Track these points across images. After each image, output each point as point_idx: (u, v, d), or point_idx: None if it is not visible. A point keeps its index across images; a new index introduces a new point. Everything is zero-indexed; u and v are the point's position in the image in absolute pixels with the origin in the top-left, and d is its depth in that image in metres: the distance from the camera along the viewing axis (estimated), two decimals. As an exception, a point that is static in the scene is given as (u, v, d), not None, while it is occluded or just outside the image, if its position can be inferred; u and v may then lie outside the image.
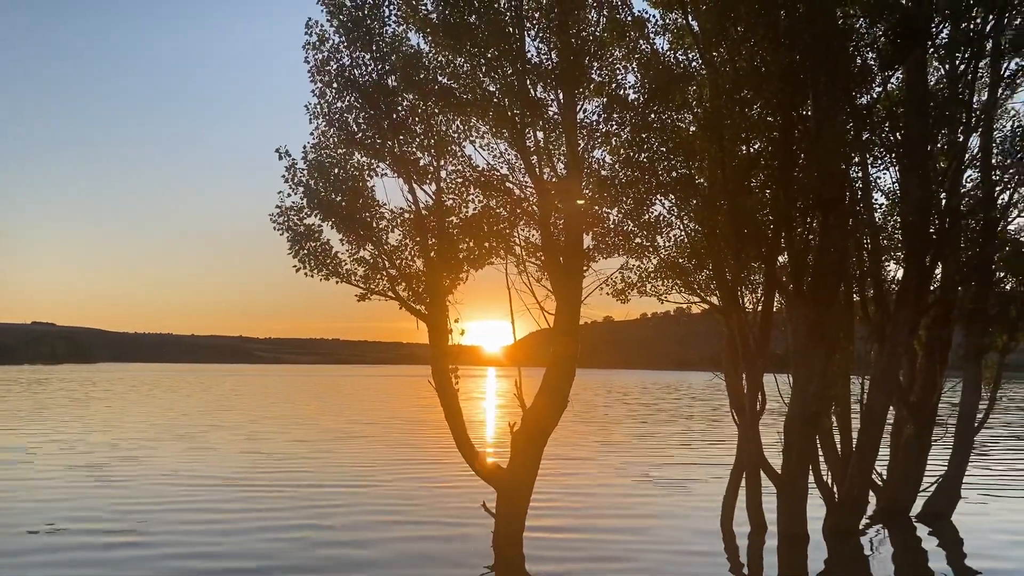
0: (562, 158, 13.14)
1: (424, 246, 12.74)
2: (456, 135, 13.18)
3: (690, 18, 13.92)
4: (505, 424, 13.21)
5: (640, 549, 13.90)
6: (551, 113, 12.85)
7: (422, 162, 12.87)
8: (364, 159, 12.83)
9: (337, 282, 12.65)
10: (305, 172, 12.42)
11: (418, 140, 12.87)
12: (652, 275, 15.26)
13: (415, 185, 12.82)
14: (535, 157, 12.90)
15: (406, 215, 12.89)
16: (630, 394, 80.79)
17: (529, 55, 12.68)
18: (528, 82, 12.64)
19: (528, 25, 12.57)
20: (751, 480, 14.67)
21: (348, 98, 12.57)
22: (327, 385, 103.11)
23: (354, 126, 12.64)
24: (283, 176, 12.38)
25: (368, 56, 12.48)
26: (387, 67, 12.57)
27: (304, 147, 12.50)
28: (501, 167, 13.33)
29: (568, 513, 16.93)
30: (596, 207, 13.56)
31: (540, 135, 12.96)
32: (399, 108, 12.75)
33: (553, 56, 12.62)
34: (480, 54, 12.53)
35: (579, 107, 12.99)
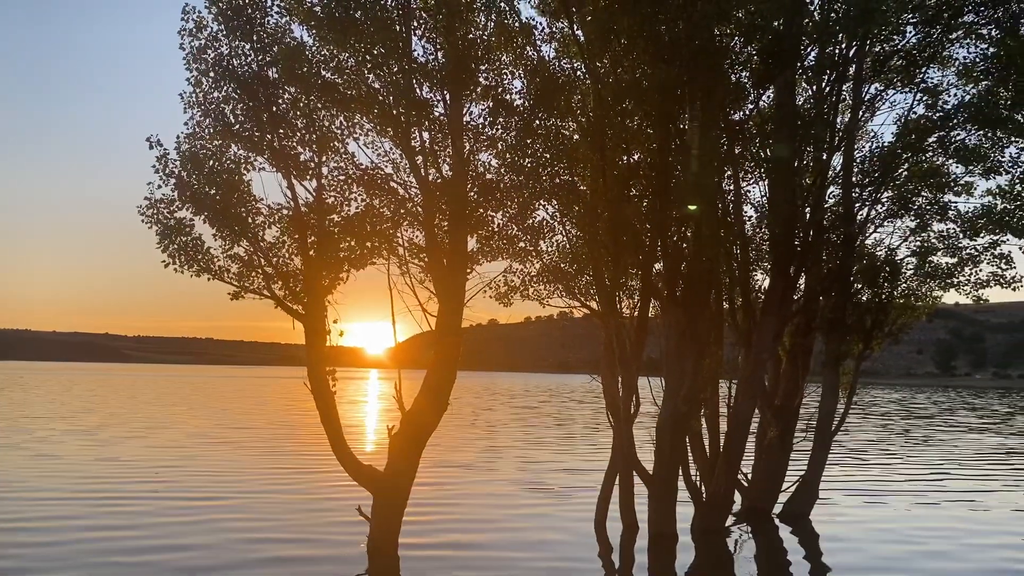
0: (448, 160, 13.10)
1: (303, 244, 12.40)
2: (339, 131, 12.89)
3: (575, 28, 14.16)
4: (384, 427, 13.03)
5: (514, 553, 14.02)
6: (437, 114, 12.78)
7: (303, 157, 12.52)
8: (241, 152, 12.37)
9: (209, 279, 12.15)
10: (178, 163, 11.87)
11: (299, 135, 12.51)
12: (535, 279, 15.45)
13: (295, 181, 12.47)
14: (420, 157, 12.79)
15: (284, 211, 12.53)
16: (516, 397, 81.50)
17: (416, 54, 12.59)
18: (414, 81, 12.53)
19: (415, 24, 12.46)
20: (624, 481, 15.04)
21: (226, 88, 12.09)
22: (198, 386, 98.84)
23: (231, 117, 12.17)
24: (154, 167, 11.80)
25: (248, 46, 12.05)
26: (268, 59, 12.17)
27: (177, 137, 11.95)
28: (385, 166, 13.17)
29: (445, 518, 16.87)
30: (481, 210, 13.57)
31: (426, 135, 12.87)
32: (280, 101, 12.36)
33: (440, 57, 12.57)
34: (366, 50, 12.32)
35: (466, 109, 13.00)
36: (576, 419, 49.50)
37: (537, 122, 13.43)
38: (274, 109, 12.22)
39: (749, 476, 17.77)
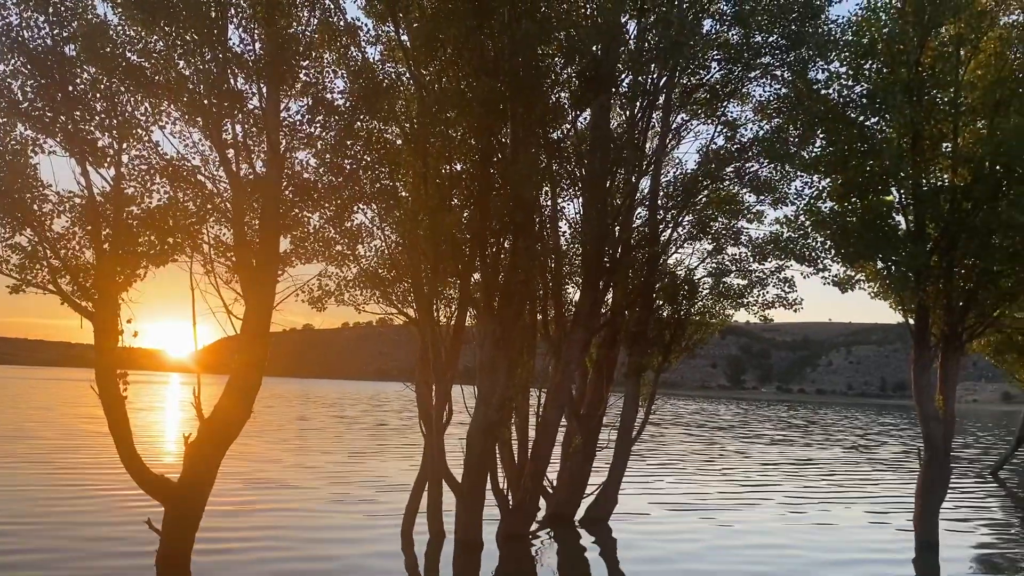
0: (262, 155, 12.57)
1: (96, 236, 11.43)
2: (144, 118, 12.03)
3: (402, 33, 14.09)
4: (181, 435, 12.25)
5: (317, 565, 13.65)
6: (252, 107, 12.25)
7: (101, 143, 11.56)
8: (29, 132, 11.26)
9: (-17, 269, 10.95)
10: (-48, 141, 10.62)
11: (98, 119, 11.55)
12: (351, 284, 15.15)
13: (90, 167, 11.49)
14: (232, 151, 12.19)
15: (77, 200, 11.51)
16: (331, 405, 79.49)
17: (232, 43, 12.01)
18: (229, 72, 11.95)
19: (232, 12, 11.90)
20: (433, 489, 15.03)
21: (14, 62, 10.98)
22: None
23: (19, 94, 11.06)
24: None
25: (43, 19, 11.02)
26: (66, 34, 11.18)
27: (-46, 113, 10.69)
28: (193, 158, 12.42)
29: (247, 531, 16.11)
30: (296, 210, 13.13)
31: (239, 128, 12.29)
32: (77, 81, 11.38)
33: (257, 48, 12.07)
34: (177, 35, 11.62)
35: (283, 105, 12.54)
36: (391, 427, 49.04)
37: (359, 124, 13.20)
38: (70, 89, 11.23)
39: (554, 483, 18.31)
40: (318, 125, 12.72)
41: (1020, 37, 16.30)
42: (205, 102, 11.79)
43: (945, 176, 16.66)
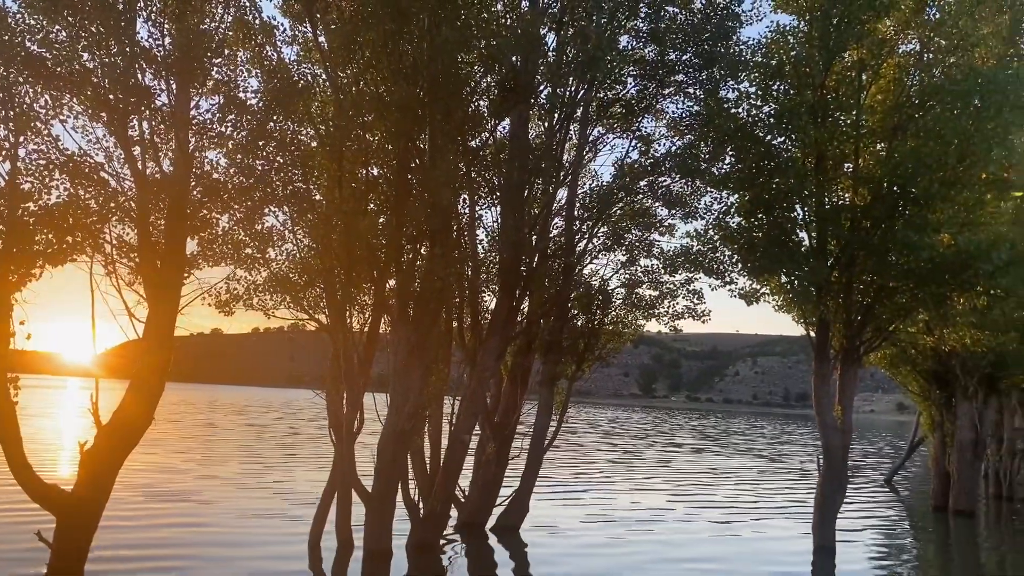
0: (169, 154, 12.16)
1: (-13, 233, 10.84)
2: (43, 111, 11.48)
3: (319, 34, 13.89)
4: (76, 442, 11.68)
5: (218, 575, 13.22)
6: (160, 104, 11.83)
7: (-5, 135, 10.99)
8: (-89, 121, 10.62)
9: None
10: None
11: (-7, 110, 10.99)
12: (260, 288, 14.77)
13: (-18, 161, 10.90)
14: (138, 148, 11.76)
15: (-35, 194, 10.89)
16: (240, 412, 77.31)
17: (140, 38, 11.60)
18: (136, 67, 11.53)
19: (142, 5, 11.49)
20: (343, 498, 14.78)
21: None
22: None
23: (-98, 80, 10.43)
24: None
25: (-70, 1, 10.42)
26: (-42, 19, 10.59)
27: None
28: (96, 154, 11.91)
29: (144, 545, 15.47)
30: (204, 211, 12.74)
31: (146, 125, 11.86)
32: (-31, 69, 10.79)
33: (167, 44, 11.69)
34: (81, 26, 11.15)
35: (193, 103, 12.17)
36: (302, 435, 48.04)
37: (272, 124, 12.92)
38: (-40, 77, 10.63)
39: (467, 491, 18.26)
40: (229, 124, 12.37)
41: (917, 65, 17.20)
42: (110, 97, 11.34)
43: (846, 195, 17.42)
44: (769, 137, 17.15)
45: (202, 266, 12.80)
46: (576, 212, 18.44)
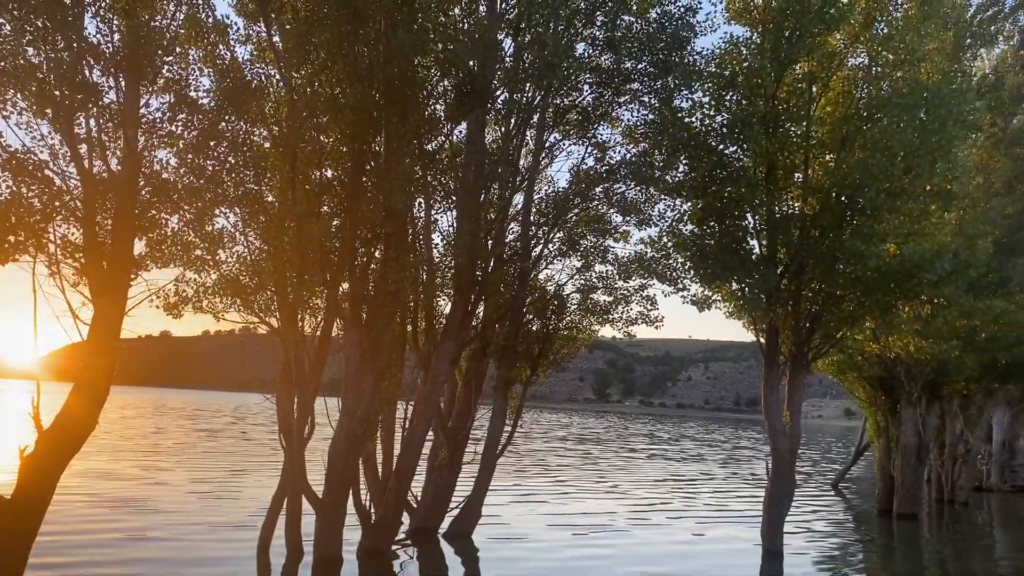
0: (118, 152, 11.90)
1: (-77, 231, 10.49)
2: (-16, 107, 11.17)
3: (273, 34, 13.73)
4: (16, 448, 11.34)
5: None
6: (108, 101, 11.57)
7: (-67, 130, 10.65)
8: None
9: None
10: None
11: (-70, 104, 10.65)
12: (210, 291, 14.51)
13: (-81, 156, 10.55)
14: (85, 146, 11.48)
15: (-98, 191, 10.53)
16: (193, 417, 75.86)
17: (88, 33, 11.34)
18: (84, 63, 11.26)
19: (90, 0, 11.23)
20: (292, 505, 14.57)
21: None
22: None
23: None
24: None
25: None
26: None
27: None
28: (41, 151, 11.60)
29: (85, 552, 15.07)
30: (153, 211, 12.48)
31: (93, 123, 11.59)
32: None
33: (116, 40, 11.44)
34: (26, 20, 10.86)
35: (143, 101, 11.93)
36: (254, 440, 47.33)
37: (224, 124, 12.73)
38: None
39: (419, 497, 18.15)
40: (180, 123, 12.16)
41: (865, 78, 17.62)
42: (56, 93, 11.06)
43: (796, 205, 17.76)
44: (722, 146, 17.41)
45: (150, 267, 12.55)
46: (532, 217, 18.48)
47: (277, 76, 14.13)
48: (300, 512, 14.61)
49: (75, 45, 11.08)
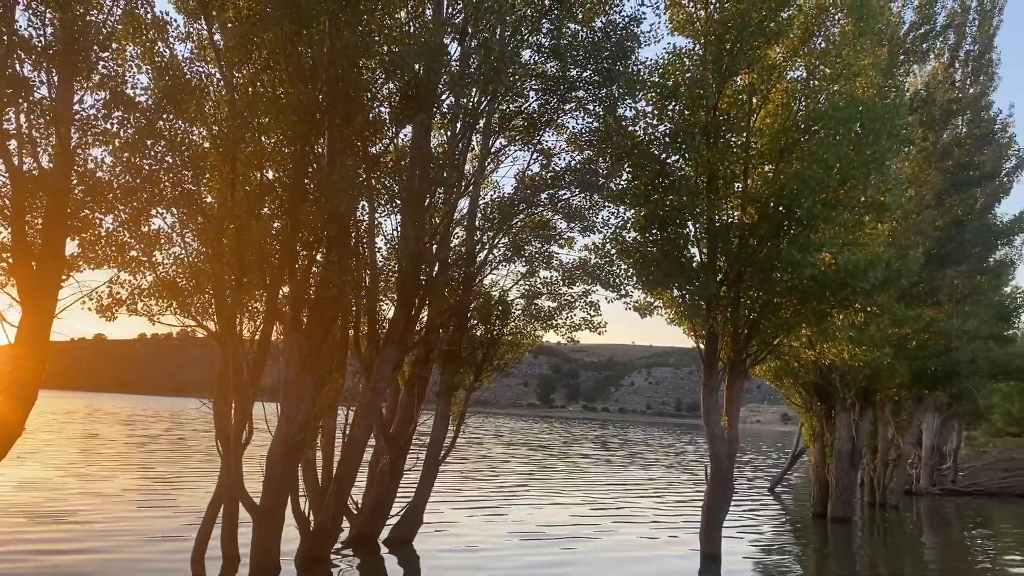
0: (49, 150, 11.53)
1: None
2: (-93, 100, 10.73)
3: (214, 32, 13.48)
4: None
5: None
6: (39, 96, 11.22)
7: None
8: None
9: None
10: None
11: None
12: (145, 293, 14.14)
13: None
14: (14, 142, 11.11)
15: None
16: (128, 422, 73.80)
17: (19, 26, 10.98)
18: (14, 56, 10.90)
19: (21, -8, 10.88)
20: (229, 512, 14.25)
21: None
22: None
23: None
24: None
25: None
26: None
27: None
28: (-32, 147, 11.20)
29: (14, 570, 14.55)
30: (86, 211, 12.13)
31: (23, 119, 11.22)
32: None
33: (48, 34, 11.10)
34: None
35: (77, 97, 11.59)
36: (189, 447, 46.25)
37: (162, 123, 12.45)
38: None
39: (359, 503, 17.95)
40: (116, 121, 11.86)
41: (803, 91, 18.05)
42: (-17, 87, 10.68)
43: (735, 214, 18.08)
44: (664, 155, 17.65)
45: (83, 268, 12.19)
46: (477, 222, 18.45)
47: (218, 75, 13.87)
48: (237, 520, 14.30)
49: (5, 38, 10.73)
